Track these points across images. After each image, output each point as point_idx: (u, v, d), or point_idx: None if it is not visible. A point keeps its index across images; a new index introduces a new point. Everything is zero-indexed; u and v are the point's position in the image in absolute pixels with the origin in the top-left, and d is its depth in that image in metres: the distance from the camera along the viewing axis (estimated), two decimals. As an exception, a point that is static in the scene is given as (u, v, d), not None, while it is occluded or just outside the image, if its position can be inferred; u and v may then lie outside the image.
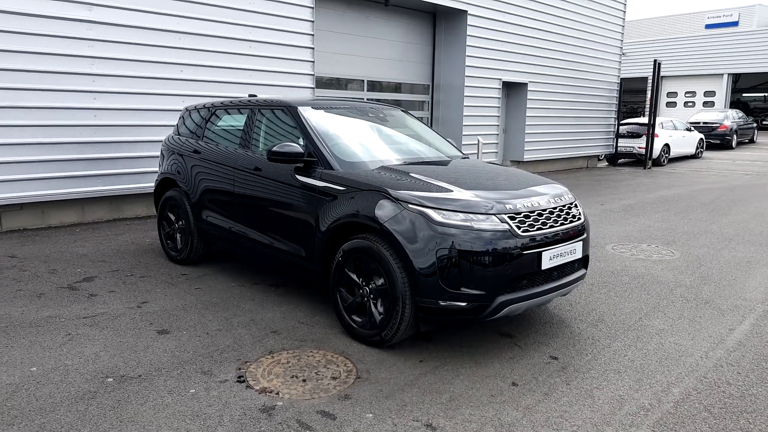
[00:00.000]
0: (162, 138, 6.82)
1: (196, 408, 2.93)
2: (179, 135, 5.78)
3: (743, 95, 34.62)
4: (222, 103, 5.46)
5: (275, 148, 4.08)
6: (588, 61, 15.14)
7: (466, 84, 11.95)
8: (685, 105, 31.06)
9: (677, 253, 6.26)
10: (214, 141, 5.27)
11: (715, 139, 21.85)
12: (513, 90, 13.60)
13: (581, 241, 3.87)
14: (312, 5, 9.19)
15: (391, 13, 11.40)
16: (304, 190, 4.12)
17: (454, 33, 12.01)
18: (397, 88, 12.00)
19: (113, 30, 7.22)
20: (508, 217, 3.45)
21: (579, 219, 3.91)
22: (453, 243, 3.30)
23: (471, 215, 3.40)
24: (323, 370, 3.36)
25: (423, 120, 11.85)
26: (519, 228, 3.45)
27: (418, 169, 4.03)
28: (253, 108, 4.97)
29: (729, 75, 29.58)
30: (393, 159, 4.38)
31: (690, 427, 2.84)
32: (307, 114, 4.52)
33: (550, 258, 3.56)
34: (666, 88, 31.34)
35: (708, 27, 33.52)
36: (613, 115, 16.53)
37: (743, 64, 28.83)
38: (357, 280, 3.72)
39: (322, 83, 10.40)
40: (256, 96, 5.38)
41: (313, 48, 9.31)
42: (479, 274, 3.32)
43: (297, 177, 4.17)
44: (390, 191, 3.59)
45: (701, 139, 19.33)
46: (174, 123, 6.94)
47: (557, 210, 3.75)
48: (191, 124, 5.70)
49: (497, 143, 13.42)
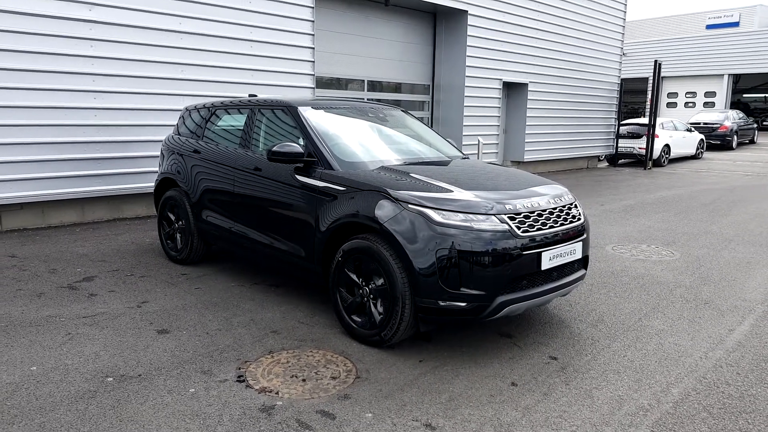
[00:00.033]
0: (162, 138, 6.82)
1: (195, 407, 2.93)
2: (179, 135, 5.78)
3: (744, 96, 34.60)
4: (222, 103, 5.47)
5: (275, 148, 4.08)
6: (588, 62, 15.13)
7: (466, 84, 11.95)
8: (686, 105, 31.04)
9: (677, 254, 6.27)
10: (214, 141, 5.27)
11: (716, 140, 21.84)
12: (513, 90, 13.60)
13: (581, 242, 3.87)
14: (312, 5, 9.19)
15: (392, 13, 11.40)
16: (304, 190, 4.12)
17: (454, 33, 12.01)
18: (398, 88, 12.00)
19: (114, 30, 7.23)
20: (507, 218, 3.45)
21: (579, 219, 3.91)
22: (453, 243, 3.31)
23: (471, 215, 3.40)
24: (323, 369, 3.37)
25: (423, 120, 11.84)
26: (519, 228, 3.45)
27: (418, 170, 4.03)
28: (253, 108, 4.97)
29: (730, 75, 29.56)
30: (393, 159, 4.38)
31: (689, 428, 2.84)
32: (307, 114, 4.52)
33: (549, 258, 3.56)
34: (666, 88, 31.32)
35: (709, 27, 33.49)
36: (614, 116, 16.53)
37: (744, 64, 28.82)
38: (357, 280, 3.73)
39: (322, 83, 10.41)
40: (256, 96, 5.39)
41: (314, 48, 9.32)
42: (479, 274, 3.32)
43: (297, 177, 4.18)
44: (390, 191, 3.59)
45: (702, 140, 19.33)
46: (174, 123, 6.95)
47: (557, 210, 3.75)
48: (191, 123, 5.70)
49: (497, 143, 13.42)
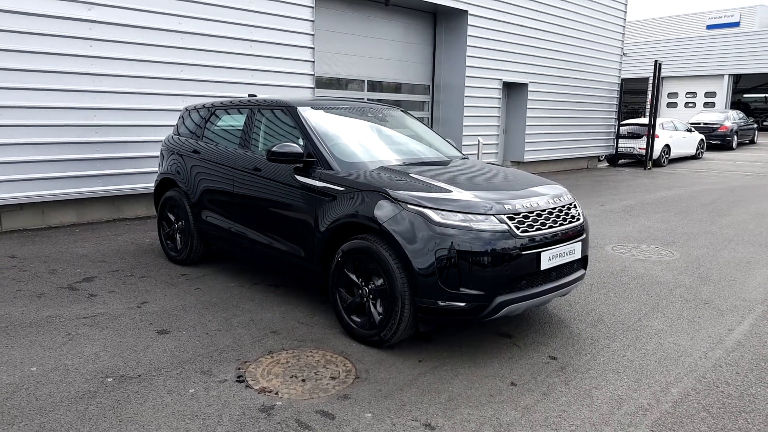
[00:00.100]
0: (162, 138, 6.83)
1: (195, 408, 2.94)
2: (179, 135, 5.78)
3: (744, 96, 34.58)
4: (222, 103, 5.47)
5: (275, 148, 4.08)
6: (589, 62, 15.13)
7: (466, 84, 11.95)
8: (686, 106, 31.02)
9: (677, 254, 6.27)
10: (213, 141, 5.27)
11: (716, 140, 21.83)
12: (513, 90, 13.60)
13: (580, 242, 3.87)
14: (312, 5, 9.20)
15: (392, 13, 11.40)
16: (303, 190, 4.12)
17: (454, 33, 12.01)
18: (398, 88, 12.00)
19: (113, 29, 7.23)
20: (507, 218, 3.46)
21: (578, 219, 3.92)
22: (452, 243, 3.31)
23: (470, 215, 3.41)
24: (322, 370, 3.37)
25: (423, 120, 11.84)
26: (518, 228, 3.46)
27: (417, 170, 4.03)
28: (253, 108, 4.97)
29: (730, 76, 29.55)
30: (392, 159, 4.38)
31: (689, 427, 2.84)
32: (307, 114, 4.52)
33: (549, 258, 3.56)
34: (667, 88, 31.31)
35: (709, 27, 33.48)
36: (614, 116, 16.52)
37: (744, 64, 28.80)
38: (356, 280, 3.73)
39: (322, 83, 10.41)
40: (255, 96, 5.39)
41: (314, 48, 9.32)
42: (478, 274, 3.32)
43: (296, 177, 4.18)
44: (389, 191, 3.59)
45: (702, 140, 19.32)
46: (174, 123, 6.95)
47: (556, 210, 3.75)
48: (191, 124, 5.70)
49: (497, 144, 13.42)
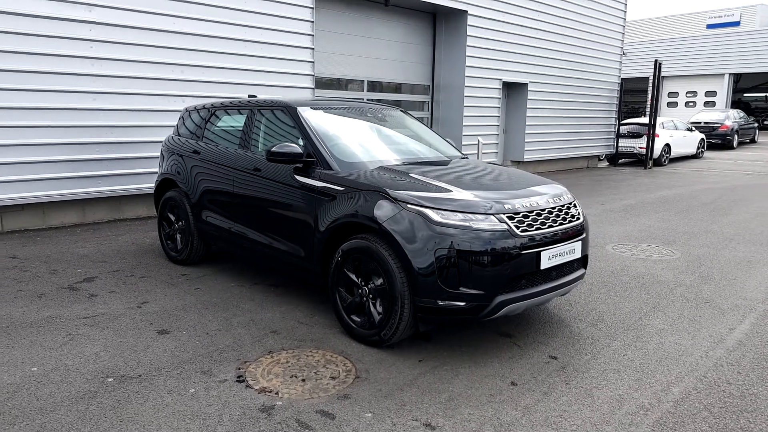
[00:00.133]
0: (162, 138, 6.83)
1: (195, 407, 2.94)
2: (179, 136, 5.79)
3: (744, 95, 34.58)
4: (222, 104, 5.47)
5: (274, 148, 4.08)
6: (588, 61, 15.13)
7: (466, 84, 11.95)
8: (687, 105, 31.01)
9: (677, 253, 6.26)
10: (213, 141, 5.28)
11: (717, 139, 21.82)
12: (513, 90, 13.60)
13: (580, 241, 3.87)
14: (312, 5, 9.20)
15: (391, 14, 11.40)
16: (303, 190, 4.12)
17: (454, 33, 12.01)
18: (397, 88, 12.00)
19: (114, 31, 7.24)
20: (506, 217, 3.45)
21: (578, 219, 3.91)
22: (452, 243, 3.31)
23: (470, 215, 3.40)
24: (322, 369, 3.37)
25: (423, 120, 11.84)
26: (518, 228, 3.45)
27: (417, 170, 4.03)
28: (253, 108, 4.98)
29: (730, 75, 29.54)
30: (392, 159, 4.38)
31: (690, 427, 2.84)
32: (306, 114, 4.52)
33: (548, 258, 3.56)
34: (667, 88, 31.31)
35: (709, 27, 33.48)
36: (614, 115, 16.52)
37: (744, 64, 28.79)
38: (356, 280, 3.73)
39: (322, 84, 10.41)
40: (255, 96, 5.39)
41: (313, 48, 9.32)
42: (478, 273, 3.32)
43: (296, 177, 4.18)
44: (389, 191, 3.59)
45: (702, 139, 19.31)
46: (174, 124, 6.96)
47: (556, 210, 3.75)
48: (191, 124, 5.70)
49: (497, 143, 13.42)
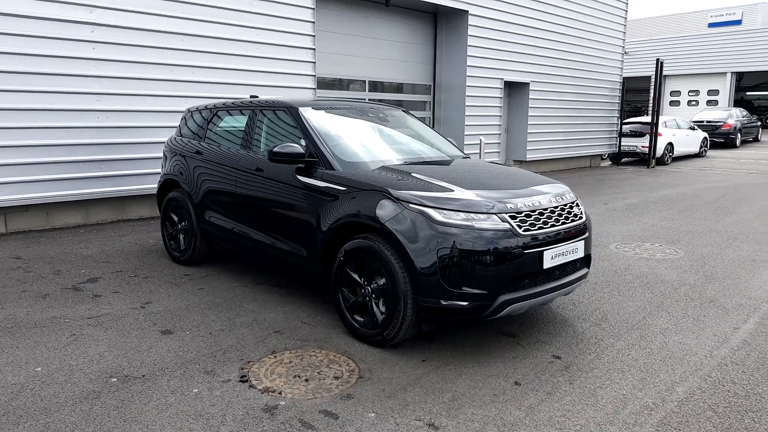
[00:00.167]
0: (165, 139, 6.84)
1: (199, 408, 2.94)
2: (181, 136, 5.79)
3: (747, 94, 34.48)
4: (224, 104, 5.48)
5: (276, 148, 4.09)
6: (590, 60, 15.11)
7: (467, 84, 11.95)
8: (689, 104, 30.94)
9: (681, 252, 6.25)
10: (216, 142, 5.28)
11: (719, 138, 21.76)
12: (515, 89, 13.58)
13: (583, 240, 3.86)
14: (313, 6, 9.20)
15: (392, 14, 11.40)
16: (305, 190, 4.12)
17: (455, 33, 12.01)
18: (399, 88, 12.00)
19: (115, 32, 7.25)
20: (509, 216, 3.45)
21: (580, 218, 3.91)
22: (454, 242, 3.30)
23: (472, 215, 3.40)
24: (326, 369, 3.37)
25: (425, 120, 11.84)
26: (520, 227, 3.45)
27: (419, 169, 4.03)
28: (255, 109, 4.98)
29: (732, 73, 29.46)
30: (394, 159, 4.38)
31: (694, 427, 2.83)
32: (308, 114, 4.53)
33: (551, 257, 3.55)
34: (669, 86, 31.24)
35: (711, 26, 33.40)
36: (616, 114, 16.50)
37: (747, 62, 28.71)
38: (359, 279, 3.73)
39: (324, 84, 10.42)
40: (257, 97, 5.39)
41: (314, 49, 9.33)
42: (480, 273, 3.32)
43: (298, 177, 4.18)
44: (391, 191, 3.59)
45: (705, 138, 19.26)
46: (176, 124, 6.97)
47: (558, 209, 3.75)
48: (193, 125, 5.71)
49: (499, 143, 13.41)
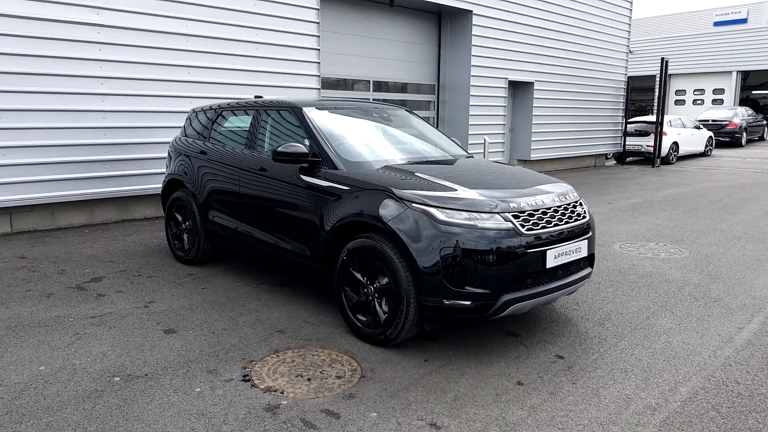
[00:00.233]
0: (170, 139, 6.86)
1: (201, 407, 2.95)
2: (186, 136, 5.81)
3: (753, 92, 34.27)
4: (228, 105, 5.49)
5: (280, 148, 4.10)
6: (595, 60, 15.06)
7: (471, 84, 11.93)
8: (694, 103, 30.79)
9: (685, 252, 6.22)
10: (220, 142, 5.29)
11: (725, 137, 21.67)
12: (519, 89, 13.56)
13: (586, 240, 3.85)
14: (317, 7, 9.21)
15: (396, 14, 11.40)
16: (308, 189, 4.13)
17: (459, 33, 11.99)
18: (403, 88, 12.00)
19: (121, 33, 7.28)
20: (512, 216, 3.44)
21: (584, 217, 3.90)
22: (457, 242, 3.30)
23: (475, 214, 3.40)
24: (328, 369, 3.37)
25: (429, 120, 11.83)
26: (523, 227, 3.44)
27: (422, 169, 4.03)
28: (259, 109, 4.99)
29: (738, 72, 29.29)
30: (397, 158, 4.38)
31: (697, 427, 2.82)
32: (312, 114, 4.53)
33: (554, 256, 3.55)
34: (674, 85, 31.09)
35: (716, 24, 33.21)
36: (621, 114, 16.44)
37: (752, 61, 28.54)
38: (361, 279, 3.73)
39: (328, 84, 10.43)
40: (261, 97, 5.40)
41: (319, 49, 9.34)
42: (483, 272, 3.31)
43: (302, 177, 4.19)
44: (394, 190, 3.59)
45: (710, 137, 19.18)
46: (181, 124, 6.99)
47: (562, 208, 3.74)
48: (198, 125, 5.73)
49: (504, 142, 13.39)
